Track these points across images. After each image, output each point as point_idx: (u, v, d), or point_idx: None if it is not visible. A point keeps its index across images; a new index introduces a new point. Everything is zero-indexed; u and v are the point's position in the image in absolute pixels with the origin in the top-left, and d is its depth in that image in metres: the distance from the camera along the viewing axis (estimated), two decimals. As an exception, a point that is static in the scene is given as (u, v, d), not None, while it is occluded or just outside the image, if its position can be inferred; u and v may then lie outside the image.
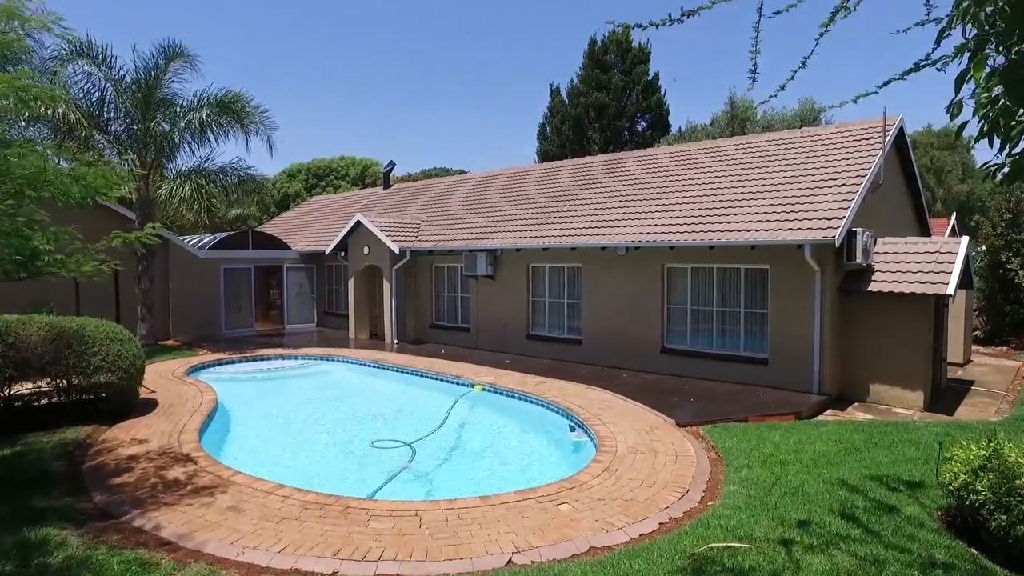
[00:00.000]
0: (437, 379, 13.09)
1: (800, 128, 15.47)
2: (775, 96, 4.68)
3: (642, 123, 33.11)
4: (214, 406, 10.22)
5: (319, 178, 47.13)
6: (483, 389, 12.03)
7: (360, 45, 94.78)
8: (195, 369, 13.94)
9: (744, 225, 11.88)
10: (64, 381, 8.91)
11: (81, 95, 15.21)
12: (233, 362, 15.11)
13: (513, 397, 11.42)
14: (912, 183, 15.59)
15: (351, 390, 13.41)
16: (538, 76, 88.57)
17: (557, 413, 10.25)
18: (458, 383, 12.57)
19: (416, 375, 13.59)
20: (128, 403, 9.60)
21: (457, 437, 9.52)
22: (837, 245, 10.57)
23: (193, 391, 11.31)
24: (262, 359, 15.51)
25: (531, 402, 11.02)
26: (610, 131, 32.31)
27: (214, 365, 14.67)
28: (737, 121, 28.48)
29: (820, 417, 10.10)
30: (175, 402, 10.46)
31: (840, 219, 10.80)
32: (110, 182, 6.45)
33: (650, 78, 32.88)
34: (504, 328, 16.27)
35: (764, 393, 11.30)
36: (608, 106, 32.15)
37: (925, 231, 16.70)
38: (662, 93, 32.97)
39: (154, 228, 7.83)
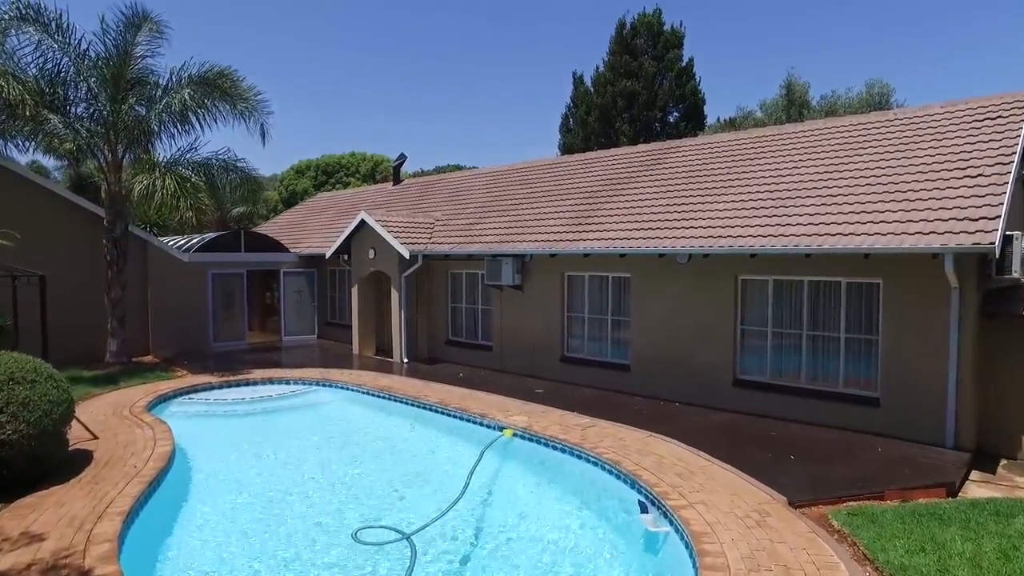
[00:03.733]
0: (455, 417, 10.55)
1: (891, 110, 12.81)
2: None
3: (674, 113, 30.35)
4: (164, 465, 7.72)
5: (329, 175, 44.81)
6: (514, 434, 9.48)
7: (371, 37, 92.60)
8: (162, 400, 11.50)
9: (851, 227, 9.21)
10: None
11: (34, 69, 12.82)
12: (212, 388, 12.65)
13: (554, 448, 8.85)
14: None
15: (348, 433, 10.65)
16: (557, 69, 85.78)
17: (618, 478, 7.67)
18: (482, 425, 10.01)
19: (429, 410, 11.04)
20: (44, 465, 7.14)
21: (479, 519, 6.95)
22: (998, 254, 7.90)
23: (146, 437, 8.86)
24: (247, 384, 13.04)
25: (579, 457, 8.45)
26: (640, 122, 29.60)
27: (187, 393, 12.22)
28: (795, 107, 25.66)
29: (977, 490, 7.45)
30: (115, 456, 8.00)
31: (992, 219, 8.13)
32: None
33: (683, 64, 30.12)
34: (533, 348, 13.70)
35: (882, 446, 8.66)
36: (639, 94, 29.42)
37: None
38: (697, 81, 30.19)
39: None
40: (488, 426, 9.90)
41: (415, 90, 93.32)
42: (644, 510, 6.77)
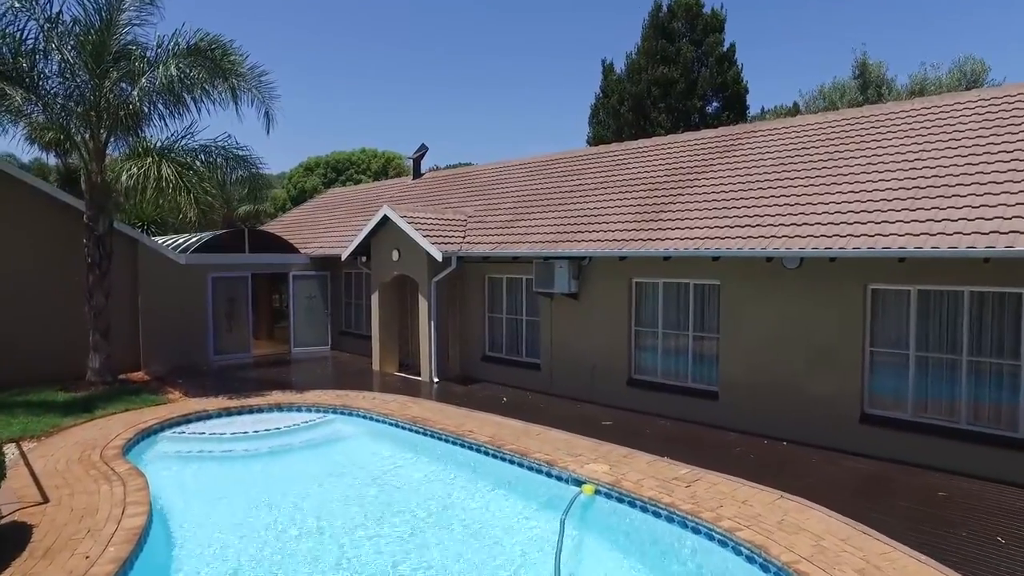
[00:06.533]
0: (513, 463, 8.28)
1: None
2: None
3: (714, 103, 28.01)
4: (130, 552, 5.49)
5: (339, 172, 42.74)
6: (596, 491, 7.25)
7: (380, 30, 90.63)
8: (145, 435, 9.31)
9: (1046, 221, 6.95)
10: None
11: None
12: (208, 417, 10.48)
13: (657, 516, 6.59)
14: None
15: (375, 488, 8.13)
16: (570, 63, 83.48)
17: (766, 572, 5.43)
18: (551, 476, 7.76)
19: (477, 452, 8.79)
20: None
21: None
22: None
23: (114, 501, 6.66)
24: (250, 411, 10.86)
25: (697, 532, 6.20)
26: (677, 112, 27.27)
27: (177, 425, 10.03)
28: (872, 88, 23.20)
29: None
30: (64, 536, 5.81)
31: None
32: None
33: (724, 50, 27.76)
34: (593, 368, 11.45)
35: (1107, 518, 6.38)
36: (676, 82, 27.09)
37: None
38: (739, 68, 27.84)
39: None
40: (560, 478, 7.66)
41: (425, 86, 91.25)
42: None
